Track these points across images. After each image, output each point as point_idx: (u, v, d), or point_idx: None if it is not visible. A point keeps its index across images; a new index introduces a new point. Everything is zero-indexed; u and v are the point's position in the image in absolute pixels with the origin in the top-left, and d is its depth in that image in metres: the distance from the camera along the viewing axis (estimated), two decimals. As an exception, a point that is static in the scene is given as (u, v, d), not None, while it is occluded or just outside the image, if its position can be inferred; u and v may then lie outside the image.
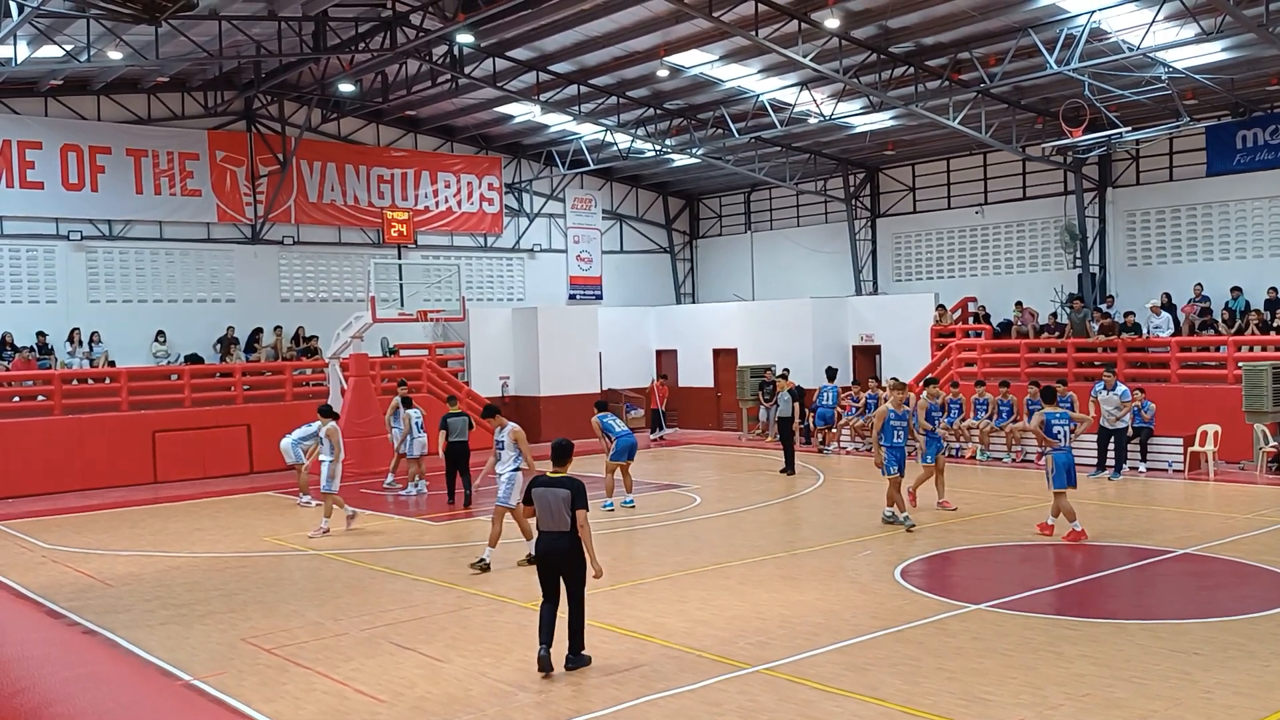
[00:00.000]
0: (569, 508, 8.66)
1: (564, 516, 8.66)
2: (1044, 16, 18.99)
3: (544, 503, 8.79)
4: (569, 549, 8.69)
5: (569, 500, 8.67)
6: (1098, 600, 10.93)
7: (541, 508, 8.80)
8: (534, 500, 8.89)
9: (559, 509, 8.69)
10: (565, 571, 8.74)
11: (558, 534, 8.71)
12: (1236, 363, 20.27)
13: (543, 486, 8.87)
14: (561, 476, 8.91)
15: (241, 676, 8.98)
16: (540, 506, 8.82)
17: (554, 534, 8.74)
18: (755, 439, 27.14)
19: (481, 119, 28.47)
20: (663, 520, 16.10)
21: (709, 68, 22.90)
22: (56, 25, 18.38)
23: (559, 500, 8.69)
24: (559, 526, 8.69)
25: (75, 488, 21.35)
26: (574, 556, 8.72)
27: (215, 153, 26.02)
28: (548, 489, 8.81)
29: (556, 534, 8.72)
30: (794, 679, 8.46)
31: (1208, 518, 15.05)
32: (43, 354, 23.25)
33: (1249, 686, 7.98)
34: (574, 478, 8.87)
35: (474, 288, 29.98)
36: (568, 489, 8.71)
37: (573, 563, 8.73)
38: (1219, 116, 23.17)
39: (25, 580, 12.99)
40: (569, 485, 8.74)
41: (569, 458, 9.23)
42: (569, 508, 8.66)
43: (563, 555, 8.72)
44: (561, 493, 8.70)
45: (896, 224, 29.74)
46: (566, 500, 8.67)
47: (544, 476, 9.02)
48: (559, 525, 8.69)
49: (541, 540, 8.89)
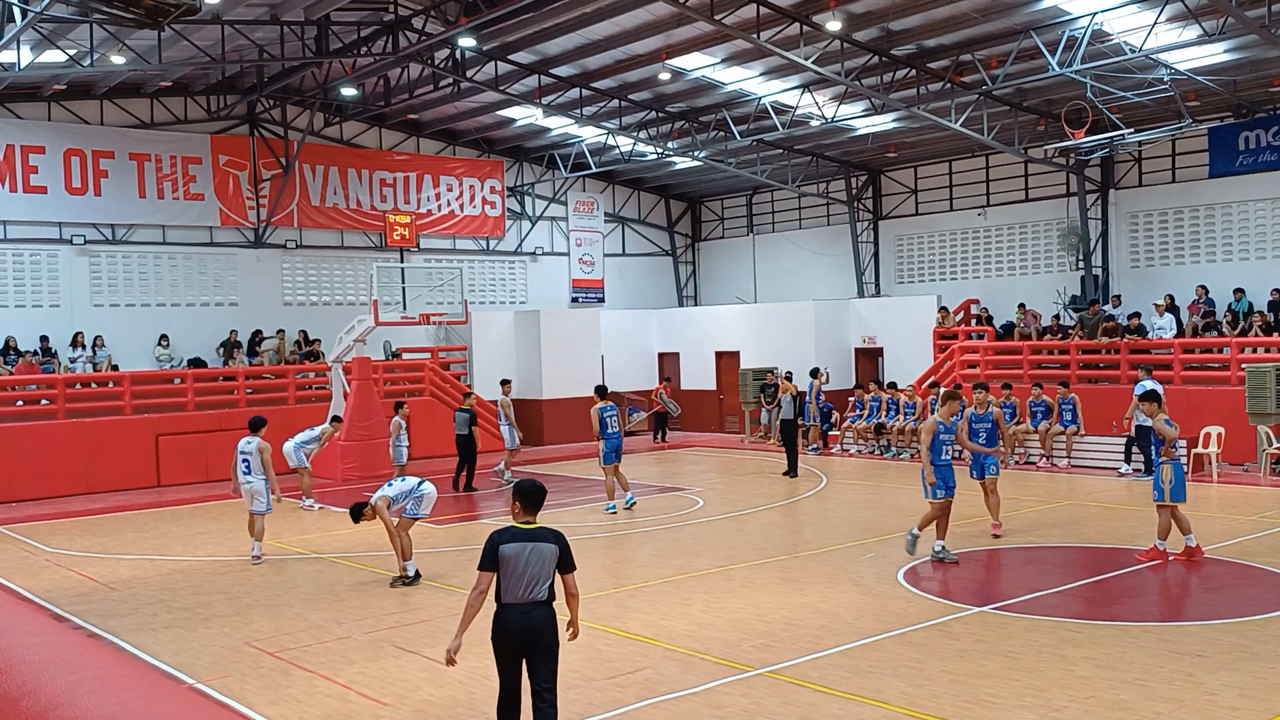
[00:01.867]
0: (554, 569, 6.65)
1: (545, 581, 6.58)
2: (1046, 18, 18.99)
3: (521, 563, 6.53)
4: (546, 625, 6.57)
5: (556, 558, 6.63)
6: (1102, 602, 10.92)
7: (515, 570, 6.52)
8: (503, 562, 6.52)
9: (542, 571, 6.56)
10: (538, 657, 6.58)
11: (534, 605, 6.53)
12: (1240, 364, 20.26)
13: (518, 542, 6.57)
14: (539, 528, 6.70)
15: (245, 680, 8.98)
16: (514, 569, 6.52)
17: (529, 605, 6.52)
18: (757, 441, 27.14)
19: (484, 122, 28.50)
20: (666, 523, 16.10)
21: (711, 70, 22.91)
22: (60, 30, 18.41)
23: (543, 559, 6.57)
24: (536, 595, 6.54)
25: (78, 491, 21.40)
26: (553, 634, 6.61)
27: (218, 157, 26.07)
28: (528, 544, 6.57)
29: (532, 605, 6.53)
30: (797, 682, 8.45)
31: (1211, 520, 15.02)
32: (46, 358, 23.29)
33: (1253, 689, 7.97)
34: (555, 529, 6.75)
35: (476, 291, 30.01)
36: (555, 544, 6.65)
37: (551, 643, 6.61)
38: (1221, 118, 23.17)
39: (29, 584, 13.00)
40: (555, 540, 6.67)
41: (541, 504, 6.82)
42: (554, 569, 6.65)
43: (538, 634, 6.55)
44: (547, 549, 6.60)
45: (899, 226, 29.73)
46: (554, 558, 6.62)
47: (514, 529, 6.66)
48: (537, 594, 6.55)
49: (510, 615, 6.54)
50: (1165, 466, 12.40)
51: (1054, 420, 21.13)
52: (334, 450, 21.55)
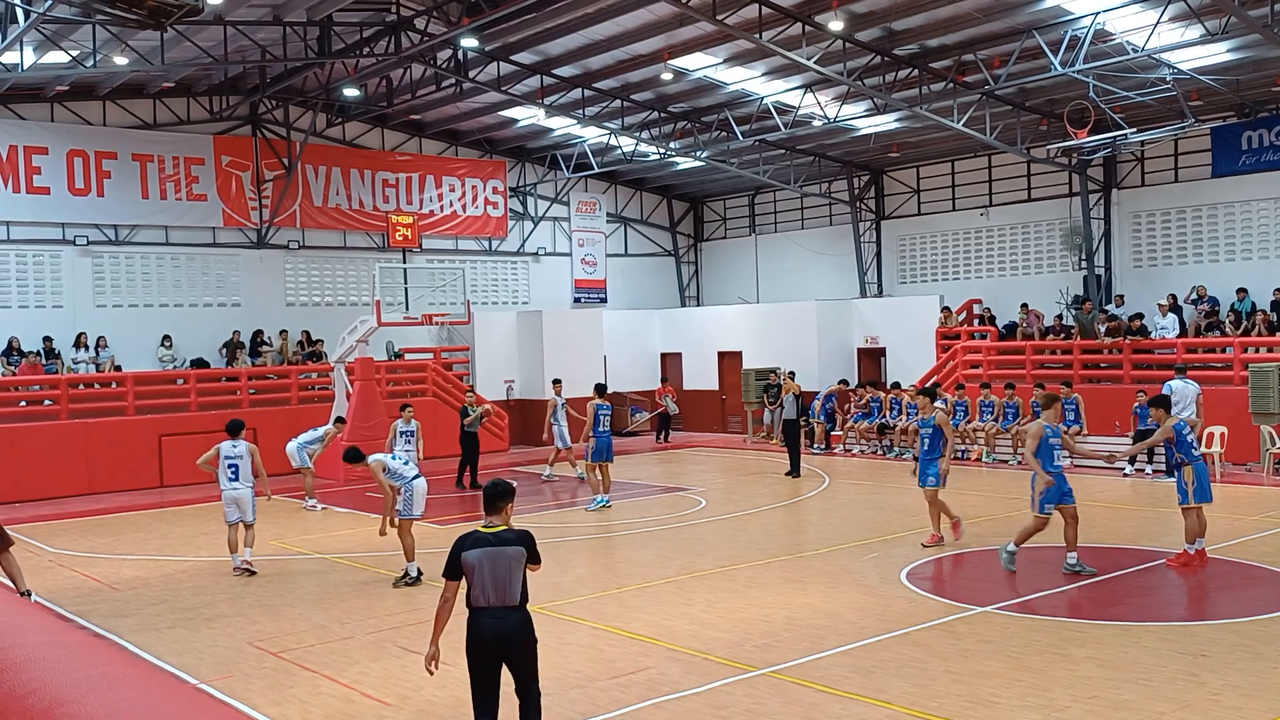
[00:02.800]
0: (522, 570, 6.55)
1: (515, 584, 6.47)
2: (1048, 18, 18.98)
3: (488, 568, 6.45)
4: (520, 629, 6.49)
5: (522, 559, 6.55)
6: (1104, 602, 10.91)
7: (481, 575, 6.44)
8: (467, 569, 6.47)
9: (509, 573, 6.46)
10: (516, 661, 6.51)
11: (506, 610, 6.44)
12: (1243, 364, 20.23)
13: (481, 547, 6.50)
14: (503, 530, 6.60)
15: (248, 680, 8.99)
16: (480, 573, 6.45)
17: (501, 610, 6.43)
18: (760, 442, 27.13)
19: (486, 123, 28.51)
20: (668, 523, 16.10)
21: (713, 71, 22.91)
22: (63, 31, 18.44)
23: (509, 561, 6.48)
24: (508, 599, 6.44)
25: (81, 492, 21.42)
26: (527, 639, 6.53)
27: (221, 157, 26.10)
28: (492, 549, 6.48)
29: (505, 610, 6.43)
30: (800, 682, 8.45)
31: (1214, 519, 14.98)
32: (49, 358, 23.32)
33: (1257, 688, 7.96)
34: (521, 530, 6.70)
35: (479, 291, 30.03)
36: (520, 545, 6.56)
37: (526, 648, 6.53)
38: (1224, 117, 23.15)
39: (32, 584, 12.92)
40: (521, 540, 6.59)
41: (508, 503, 6.72)
42: (522, 570, 6.55)
43: (513, 638, 6.46)
44: (512, 551, 6.50)
45: (901, 226, 29.72)
46: (519, 560, 6.52)
47: (477, 534, 6.59)
48: (508, 598, 6.44)
49: (482, 621, 6.44)
50: (1187, 468, 12.01)
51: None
52: (337, 451, 21.50)
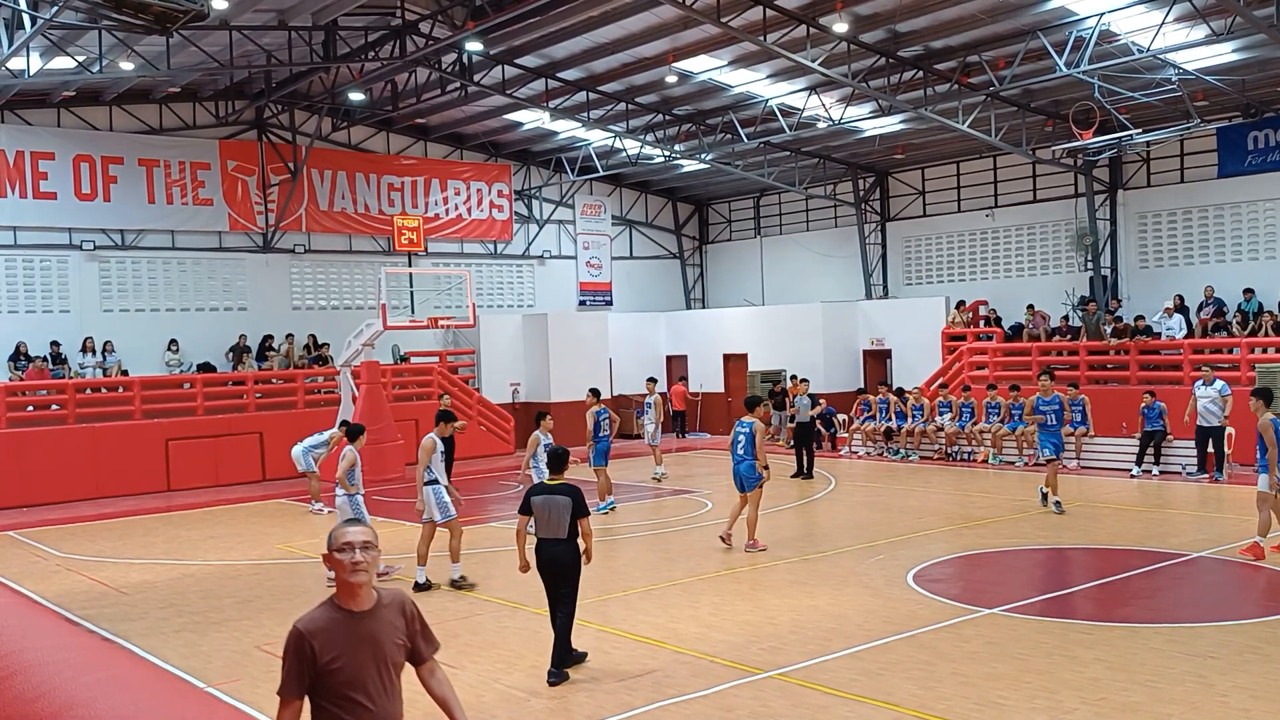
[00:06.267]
0: (570, 515, 8.80)
1: (564, 524, 8.80)
2: (1053, 19, 18.97)
3: (545, 510, 8.87)
4: (565, 556, 8.85)
5: (570, 508, 8.81)
6: (1112, 604, 10.88)
7: (541, 515, 8.88)
8: (533, 508, 8.96)
9: (560, 516, 8.81)
10: (561, 576, 8.88)
11: (557, 541, 8.84)
12: (1250, 364, 20.18)
13: (543, 494, 8.96)
14: (560, 484, 8.98)
15: (256, 684, 8.99)
16: (540, 514, 8.89)
17: (553, 541, 8.86)
18: (766, 444, 27.03)
19: (491, 126, 28.55)
20: (675, 526, 16.10)
21: (717, 73, 22.93)
22: (69, 37, 18.50)
23: (560, 508, 8.81)
24: (558, 534, 8.83)
25: (89, 496, 21.46)
26: (574, 563, 8.88)
27: (226, 162, 26.16)
28: (549, 496, 8.90)
29: (556, 541, 8.84)
30: (807, 684, 8.44)
31: (1223, 520, 14.97)
32: (56, 364, 23.37)
33: (1265, 690, 7.94)
34: (573, 484, 8.99)
35: (484, 294, 30.07)
36: (569, 496, 8.84)
37: (570, 570, 8.88)
38: (1230, 118, 23.11)
39: (40, 589, 13.04)
40: (569, 493, 8.87)
41: (566, 465, 9.17)
42: (570, 515, 8.80)
43: (560, 562, 8.86)
44: (562, 500, 8.82)
45: (906, 228, 29.70)
46: (568, 508, 8.80)
47: (543, 484, 9.11)
48: (558, 532, 8.83)
49: (541, 548, 8.93)
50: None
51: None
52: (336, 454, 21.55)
